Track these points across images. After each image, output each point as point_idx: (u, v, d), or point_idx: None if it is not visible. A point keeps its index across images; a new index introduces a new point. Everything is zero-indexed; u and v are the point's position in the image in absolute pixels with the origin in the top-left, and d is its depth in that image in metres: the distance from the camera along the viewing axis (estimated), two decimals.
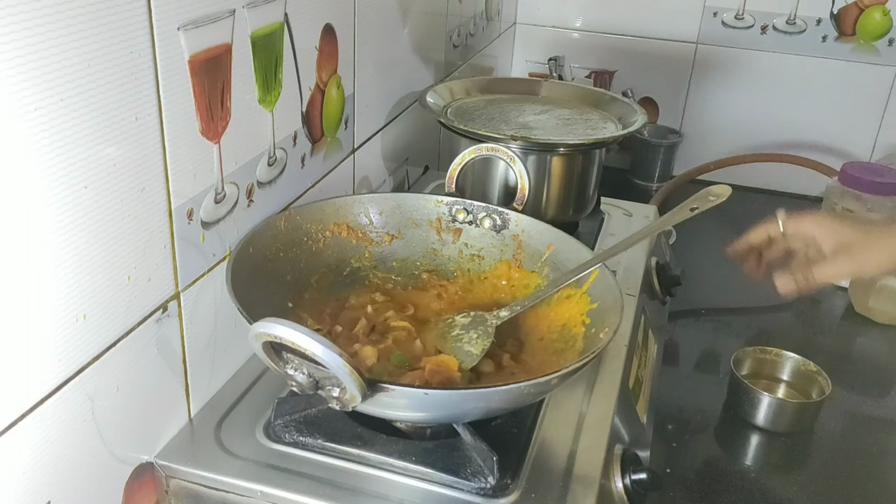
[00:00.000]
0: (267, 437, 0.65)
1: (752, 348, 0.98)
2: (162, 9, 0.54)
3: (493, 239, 0.81)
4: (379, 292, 0.78)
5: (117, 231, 0.54)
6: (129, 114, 0.53)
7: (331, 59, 0.83)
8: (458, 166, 0.83)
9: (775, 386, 0.97)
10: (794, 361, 0.97)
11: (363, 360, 0.67)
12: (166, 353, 0.63)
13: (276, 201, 0.76)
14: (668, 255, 1.14)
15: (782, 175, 1.56)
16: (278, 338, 0.50)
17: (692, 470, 0.86)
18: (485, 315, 0.72)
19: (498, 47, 1.58)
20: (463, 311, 0.74)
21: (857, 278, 0.79)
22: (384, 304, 0.76)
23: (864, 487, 0.85)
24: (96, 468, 0.57)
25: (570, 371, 0.57)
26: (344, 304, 0.76)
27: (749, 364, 0.98)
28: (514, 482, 0.62)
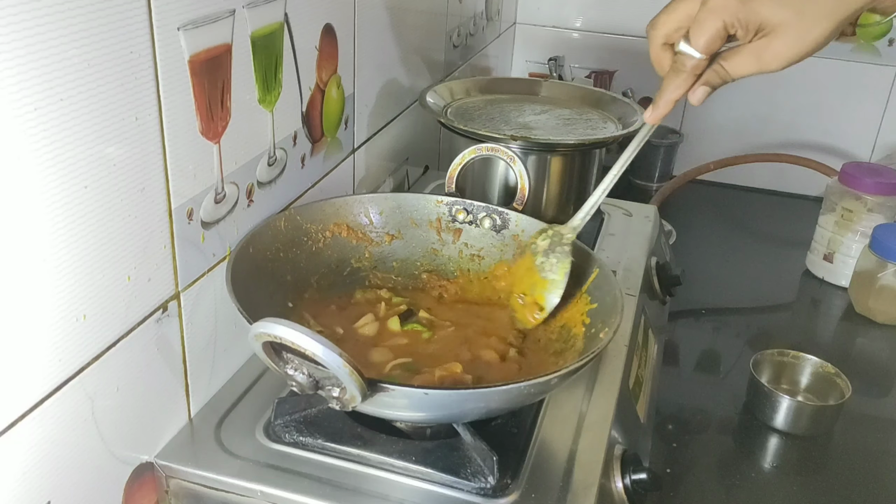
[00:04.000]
0: (267, 437, 0.65)
1: (771, 351, 0.98)
2: (162, 9, 0.54)
3: (493, 239, 0.81)
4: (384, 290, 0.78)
5: (117, 231, 0.54)
6: (129, 114, 0.53)
7: (331, 59, 0.83)
8: (458, 166, 0.83)
9: (794, 389, 0.98)
10: (813, 364, 0.97)
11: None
12: (166, 353, 0.63)
13: (276, 201, 0.76)
14: (668, 255, 1.14)
15: (782, 175, 1.56)
16: (278, 338, 0.50)
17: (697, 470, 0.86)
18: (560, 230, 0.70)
19: (498, 47, 1.58)
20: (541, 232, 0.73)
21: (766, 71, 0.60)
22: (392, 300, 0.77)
23: (865, 488, 0.85)
24: (96, 468, 0.57)
25: (570, 371, 0.57)
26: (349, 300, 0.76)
27: (768, 367, 0.98)
28: (514, 482, 0.62)
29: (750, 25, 0.58)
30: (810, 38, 0.58)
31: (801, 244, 1.32)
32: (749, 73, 0.60)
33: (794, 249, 1.34)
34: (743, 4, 0.57)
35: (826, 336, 1.18)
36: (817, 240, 1.28)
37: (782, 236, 1.47)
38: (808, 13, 0.57)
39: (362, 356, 0.69)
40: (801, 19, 0.57)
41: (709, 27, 0.59)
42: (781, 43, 0.58)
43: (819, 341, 1.15)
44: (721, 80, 0.62)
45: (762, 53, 0.59)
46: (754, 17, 0.57)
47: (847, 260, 1.23)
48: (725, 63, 0.61)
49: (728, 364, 1.07)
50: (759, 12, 0.57)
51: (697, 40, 0.60)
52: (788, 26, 0.57)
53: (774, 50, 0.58)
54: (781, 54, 0.58)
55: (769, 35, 0.58)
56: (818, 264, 1.28)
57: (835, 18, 0.57)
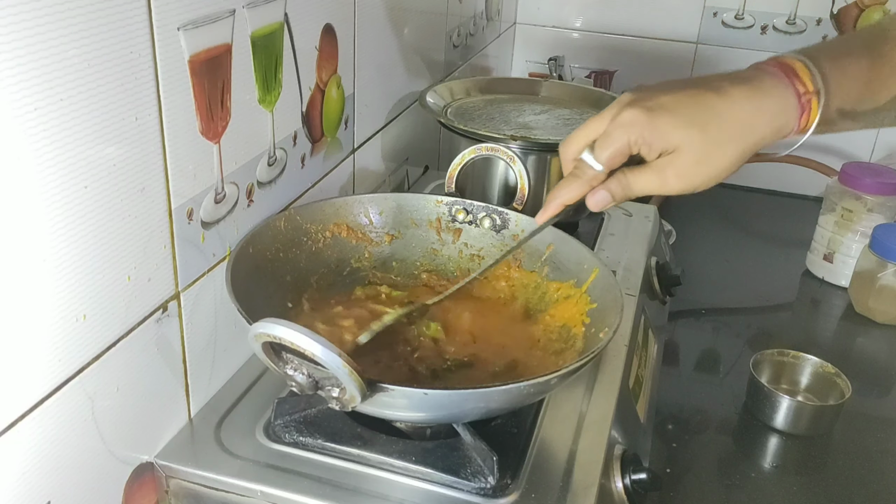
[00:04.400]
0: (267, 437, 0.65)
1: (771, 351, 0.98)
2: (162, 9, 0.54)
3: (493, 239, 0.81)
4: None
5: (117, 231, 0.54)
6: (129, 114, 0.53)
7: (331, 59, 0.83)
8: (458, 166, 0.83)
9: (794, 389, 0.98)
10: (813, 364, 0.97)
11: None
12: (166, 353, 0.63)
13: (276, 201, 0.76)
14: (668, 255, 1.14)
15: (782, 175, 1.56)
16: (278, 338, 0.50)
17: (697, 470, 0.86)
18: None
19: (498, 47, 1.58)
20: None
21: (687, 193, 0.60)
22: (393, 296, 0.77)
23: (865, 488, 0.85)
24: (96, 468, 0.57)
25: (570, 371, 0.57)
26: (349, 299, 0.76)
27: (768, 367, 0.98)
28: (514, 482, 0.62)
29: (654, 145, 0.58)
30: (714, 162, 0.57)
31: (801, 244, 1.32)
32: (651, 190, 0.60)
33: (794, 249, 1.34)
34: (650, 122, 0.57)
35: (826, 336, 1.18)
36: (817, 240, 1.28)
37: (782, 236, 1.47)
38: (711, 136, 0.56)
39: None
40: (704, 142, 0.56)
41: (614, 142, 0.59)
42: (683, 163, 0.57)
43: (819, 341, 1.15)
44: (623, 193, 0.61)
45: (664, 172, 0.59)
46: (659, 137, 0.57)
47: (847, 260, 1.23)
48: (630, 176, 0.60)
49: (728, 364, 1.07)
50: (665, 132, 0.57)
51: (601, 153, 0.60)
52: (691, 148, 0.57)
53: (676, 169, 0.58)
54: (683, 175, 0.58)
55: (672, 154, 0.58)
56: (818, 264, 1.28)
57: (739, 145, 0.57)
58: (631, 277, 0.94)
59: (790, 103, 0.56)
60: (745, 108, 0.56)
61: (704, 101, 0.57)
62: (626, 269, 0.96)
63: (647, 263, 0.99)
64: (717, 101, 0.57)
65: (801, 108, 0.56)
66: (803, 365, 0.98)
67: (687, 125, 0.57)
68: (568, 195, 0.63)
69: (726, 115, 0.56)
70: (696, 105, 0.57)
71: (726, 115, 0.56)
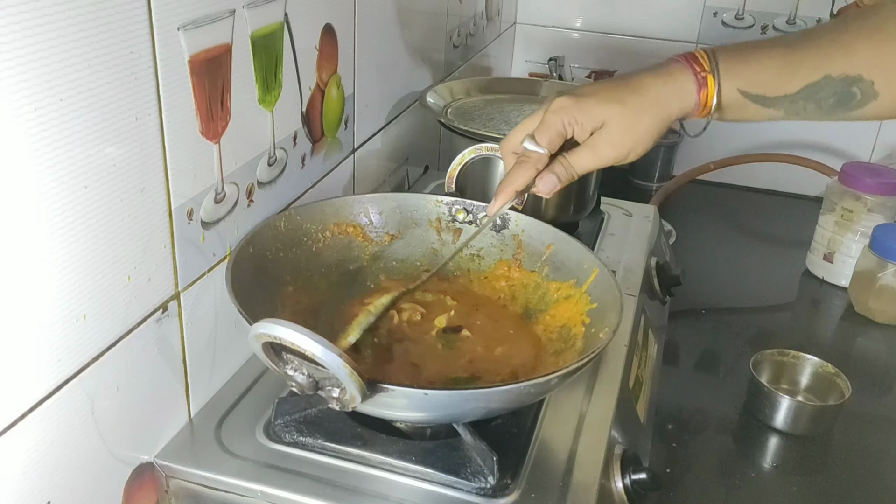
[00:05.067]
0: (267, 437, 0.65)
1: (771, 351, 0.98)
2: (162, 9, 0.54)
3: (493, 239, 0.81)
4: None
5: (117, 231, 0.54)
6: (129, 114, 0.53)
7: (331, 59, 0.83)
8: (458, 166, 0.83)
9: (794, 389, 0.98)
10: (813, 364, 0.97)
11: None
12: (166, 353, 0.63)
13: (276, 201, 0.76)
14: (668, 255, 1.14)
15: (782, 175, 1.56)
16: (278, 338, 0.50)
17: (697, 470, 0.86)
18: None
19: (498, 47, 1.58)
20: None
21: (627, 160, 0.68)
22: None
23: (865, 488, 0.85)
24: (96, 468, 0.57)
25: (570, 371, 0.57)
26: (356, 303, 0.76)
27: (768, 367, 0.98)
28: (514, 482, 0.62)
29: (585, 123, 0.66)
30: (636, 130, 0.66)
31: (801, 244, 1.32)
32: (589, 166, 0.68)
33: (794, 249, 1.34)
34: (578, 104, 0.66)
35: (826, 336, 1.18)
36: (817, 240, 1.28)
37: (782, 236, 1.47)
38: (631, 107, 0.66)
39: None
40: (625, 113, 0.66)
41: (550, 126, 0.67)
42: (611, 134, 0.66)
43: (819, 341, 1.15)
44: (567, 173, 0.68)
45: (597, 145, 0.67)
46: (587, 114, 0.66)
47: (847, 260, 1.23)
48: (570, 156, 0.68)
49: (728, 364, 1.07)
50: (591, 109, 0.66)
51: (542, 138, 0.68)
52: (616, 119, 0.66)
53: (606, 140, 0.66)
54: (613, 143, 0.66)
55: (601, 129, 0.66)
56: (818, 264, 1.28)
57: (655, 115, 0.66)
58: (631, 277, 0.94)
59: (689, 79, 0.65)
60: (654, 85, 0.66)
61: (621, 84, 0.67)
62: (626, 269, 0.96)
63: (647, 263, 0.99)
64: (631, 82, 0.67)
65: (699, 84, 0.65)
66: (803, 365, 0.98)
67: (609, 101, 0.66)
68: (519, 180, 0.69)
69: (640, 91, 0.66)
70: (614, 87, 0.67)
71: (640, 91, 0.66)
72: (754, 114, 0.68)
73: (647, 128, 0.66)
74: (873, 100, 0.64)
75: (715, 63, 0.65)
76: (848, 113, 0.66)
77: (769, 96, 0.66)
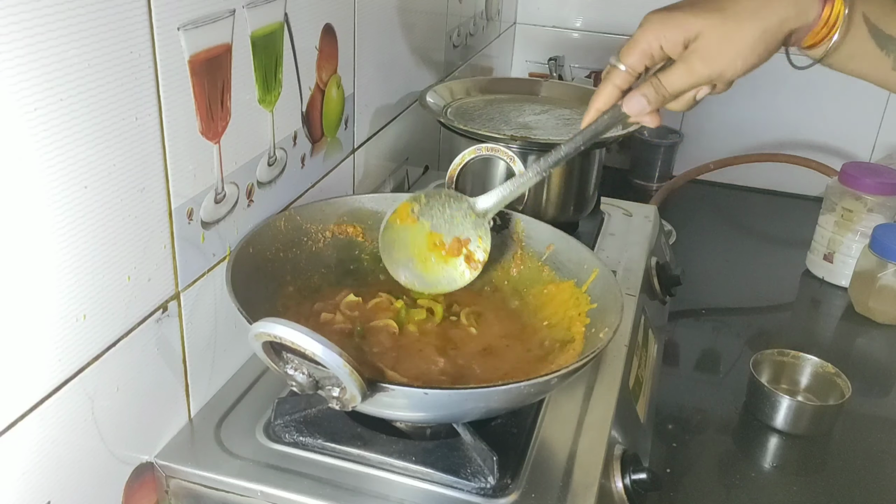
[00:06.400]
0: (267, 437, 0.65)
1: (771, 351, 0.98)
2: (162, 9, 0.54)
3: (493, 239, 0.80)
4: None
5: (117, 231, 0.54)
6: (129, 114, 0.53)
7: (331, 59, 0.83)
8: (458, 166, 0.83)
9: (794, 389, 0.98)
10: (813, 364, 0.97)
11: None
12: (166, 353, 0.63)
13: (276, 201, 0.76)
14: (668, 255, 1.14)
15: (782, 175, 1.56)
16: (278, 338, 0.50)
17: (697, 470, 0.86)
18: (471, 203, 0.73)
19: (498, 47, 1.58)
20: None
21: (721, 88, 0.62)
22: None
23: (865, 488, 0.85)
24: (96, 468, 0.57)
25: (570, 371, 0.57)
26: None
27: (768, 367, 0.98)
28: (514, 482, 0.62)
29: (676, 38, 0.59)
30: (736, 41, 0.58)
31: (801, 244, 1.32)
32: (682, 84, 0.61)
33: (794, 249, 1.35)
34: (668, 19, 0.59)
35: (826, 336, 1.18)
36: (817, 240, 1.28)
37: (782, 236, 1.47)
38: (729, 14, 0.57)
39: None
40: (723, 20, 0.58)
41: (635, 43, 0.61)
42: (706, 47, 0.59)
43: (819, 341, 1.15)
44: (659, 96, 0.62)
45: (691, 61, 0.60)
46: (677, 28, 0.59)
47: (847, 260, 1.23)
48: (661, 76, 0.62)
49: (728, 364, 1.07)
50: (683, 21, 0.59)
51: (626, 56, 0.62)
52: (711, 29, 0.58)
53: (702, 54, 0.59)
54: (708, 58, 0.59)
55: (696, 42, 0.59)
56: (818, 264, 1.28)
57: (760, 23, 0.57)
58: (631, 277, 0.94)
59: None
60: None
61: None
62: (626, 269, 0.96)
63: (647, 263, 0.99)
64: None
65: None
66: (803, 365, 0.98)
67: (703, 11, 0.58)
68: (601, 99, 0.64)
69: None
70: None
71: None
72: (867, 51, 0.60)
73: (751, 40, 0.58)
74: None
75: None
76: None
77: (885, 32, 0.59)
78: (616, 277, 0.71)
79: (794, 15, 0.57)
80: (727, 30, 0.58)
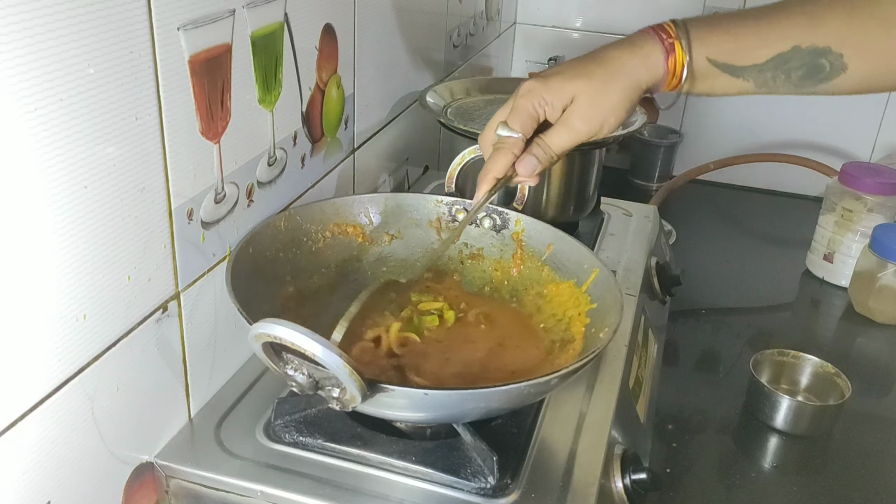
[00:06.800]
0: (267, 437, 0.65)
1: (771, 351, 0.98)
2: (162, 9, 0.54)
3: (493, 239, 0.81)
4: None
5: (117, 231, 0.54)
6: (129, 114, 0.53)
7: (331, 59, 0.83)
8: (458, 166, 0.83)
9: (794, 389, 0.98)
10: (813, 364, 0.97)
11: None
12: (166, 353, 0.63)
13: (276, 201, 0.76)
14: (668, 255, 1.14)
15: (782, 175, 1.56)
16: (278, 338, 0.50)
17: (697, 470, 0.86)
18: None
19: (498, 47, 1.58)
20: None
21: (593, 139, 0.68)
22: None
23: (865, 488, 0.85)
24: (96, 468, 0.57)
25: (570, 371, 0.57)
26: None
27: (768, 367, 0.98)
28: (514, 482, 0.62)
29: (555, 101, 0.67)
30: (606, 102, 0.66)
31: (801, 244, 1.32)
32: (565, 143, 0.68)
33: (794, 249, 1.35)
34: (545, 85, 0.67)
35: (826, 336, 1.18)
36: (817, 240, 1.28)
37: (782, 236, 1.47)
38: (598, 80, 0.66)
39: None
40: (593, 86, 0.66)
41: (522, 110, 0.68)
42: (581, 108, 0.67)
43: (819, 341, 1.15)
44: (545, 154, 0.69)
45: (570, 121, 0.67)
46: (556, 93, 0.67)
47: (847, 260, 1.23)
48: (545, 137, 0.68)
49: (728, 364, 1.07)
50: (559, 87, 0.66)
51: (514, 122, 0.68)
52: (584, 92, 0.66)
53: (579, 114, 0.67)
54: (585, 117, 0.67)
55: (572, 105, 0.67)
56: (818, 264, 1.28)
57: (623, 84, 0.66)
58: (631, 277, 0.94)
59: (656, 47, 0.66)
60: (620, 56, 0.66)
61: (588, 59, 0.68)
62: (626, 269, 0.96)
63: (647, 263, 0.99)
64: (598, 55, 0.67)
65: (666, 51, 0.66)
66: (803, 365, 0.98)
67: (575, 77, 0.67)
68: (497, 166, 0.69)
69: (606, 63, 0.66)
70: (581, 63, 0.68)
71: (606, 63, 0.66)
72: (725, 85, 0.68)
73: (617, 99, 0.66)
74: (842, 72, 0.65)
75: (684, 30, 0.66)
76: (817, 86, 0.66)
77: (738, 65, 0.66)
78: (616, 277, 0.71)
79: (646, 74, 0.66)
80: (597, 93, 0.66)
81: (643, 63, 0.66)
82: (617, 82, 0.66)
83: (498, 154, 0.69)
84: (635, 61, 0.66)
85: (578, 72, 0.67)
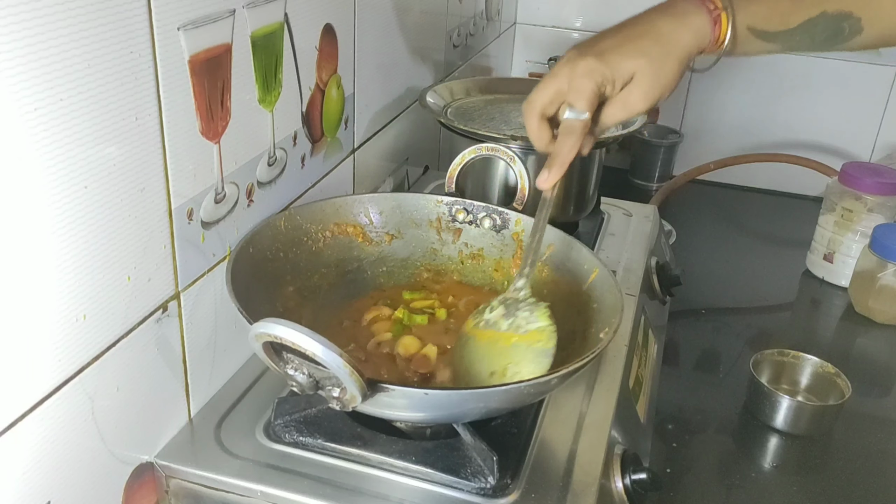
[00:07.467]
0: (267, 437, 0.65)
1: (771, 351, 0.98)
2: (162, 9, 0.54)
3: (493, 239, 0.81)
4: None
5: (117, 231, 0.54)
6: (129, 114, 0.53)
7: (331, 59, 0.83)
8: (458, 166, 0.83)
9: (794, 389, 0.98)
10: (813, 364, 0.97)
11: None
12: (166, 353, 0.63)
13: (276, 201, 0.76)
14: (668, 255, 1.14)
15: (782, 175, 1.56)
16: (278, 338, 0.50)
17: (697, 470, 0.86)
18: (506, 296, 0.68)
19: (498, 47, 1.58)
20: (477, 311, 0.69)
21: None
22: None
23: (865, 488, 0.85)
24: (96, 468, 0.57)
25: (570, 371, 0.57)
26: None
27: (768, 367, 0.98)
28: (514, 482, 0.62)
29: (616, 79, 0.68)
30: (663, 77, 0.68)
31: (801, 244, 1.32)
32: (620, 118, 0.70)
33: (794, 249, 1.34)
34: (604, 64, 0.67)
35: (826, 336, 1.18)
36: (817, 240, 1.28)
37: (782, 236, 1.47)
38: (655, 57, 0.67)
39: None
40: (651, 63, 0.67)
41: (585, 89, 0.67)
42: (642, 86, 0.68)
43: (819, 341, 1.15)
44: (600, 132, 0.71)
45: (629, 99, 0.68)
46: (615, 71, 0.67)
47: (847, 260, 1.23)
48: (601, 114, 0.69)
49: (728, 364, 1.07)
50: (619, 65, 0.67)
51: (580, 103, 0.68)
52: (644, 70, 0.67)
53: (639, 92, 0.68)
54: (645, 94, 0.68)
55: (631, 82, 0.68)
56: (818, 264, 1.28)
57: (676, 58, 0.68)
58: (631, 277, 0.94)
59: (704, 19, 0.68)
60: (672, 31, 0.68)
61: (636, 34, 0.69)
62: (626, 269, 0.96)
63: (647, 263, 0.99)
64: (648, 30, 0.68)
65: (713, 21, 0.68)
66: (803, 365, 0.98)
67: (634, 55, 0.67)
68: (570, 153, 0.69)
69: (660, 40, 0.68)
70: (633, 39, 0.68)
71: (660, 40, 0.68)
72: (756, 48, 0.70)
73: (673, 75, 0.68)
74: (858, 35, 0.69)
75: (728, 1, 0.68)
76: (833, 46, 0.70)
77: (771, 31, 0.69)
78: (616, 277, 0.71)
79: (696, 46, 0.68)
80: (656, 71, 0.67)
81: (694, 36, 0.68)
82: (674, 59, 0.68)
83: (568, 138, 0.69)
84: (688, 36, 0.68)
85: (635, 49, 0.68)
